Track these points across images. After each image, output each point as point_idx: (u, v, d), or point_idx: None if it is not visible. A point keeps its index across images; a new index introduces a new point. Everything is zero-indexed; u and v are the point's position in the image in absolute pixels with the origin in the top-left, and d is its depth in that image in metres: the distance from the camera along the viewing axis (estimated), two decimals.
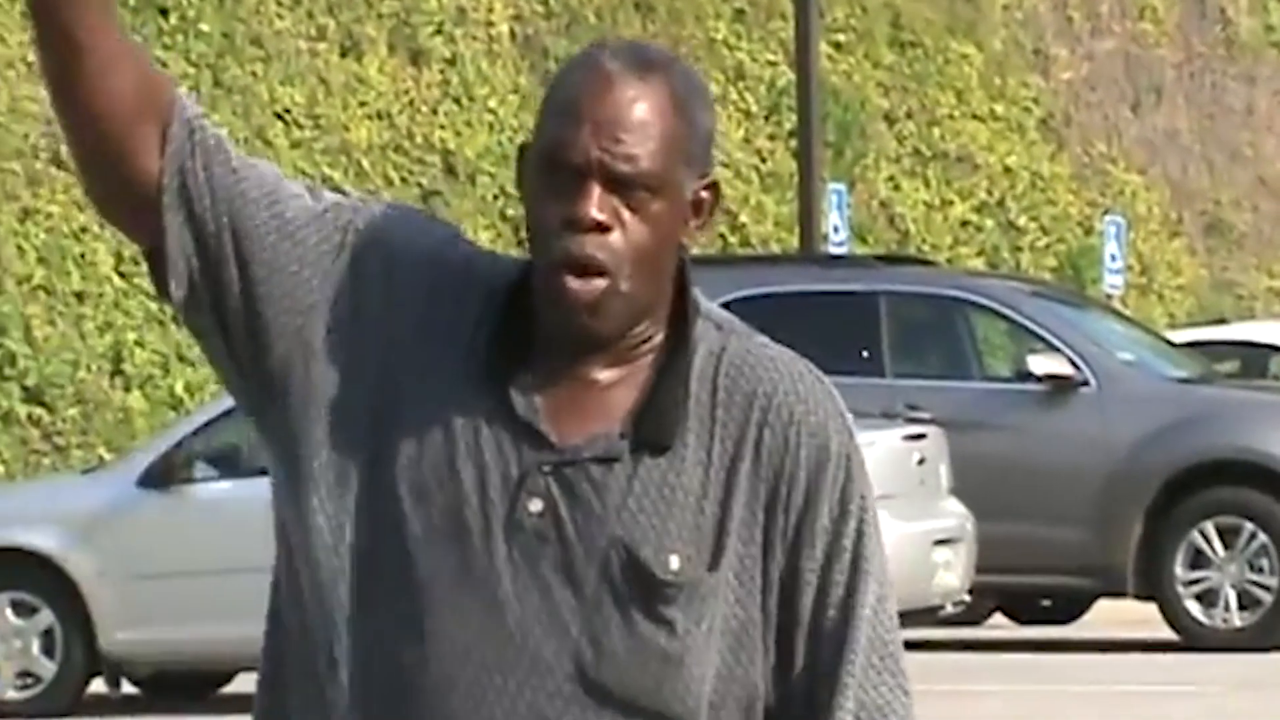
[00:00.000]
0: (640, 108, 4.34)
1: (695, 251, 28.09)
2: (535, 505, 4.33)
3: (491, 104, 33.34)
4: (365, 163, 31.87)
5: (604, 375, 4.43)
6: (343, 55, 31.76)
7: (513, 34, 33.40)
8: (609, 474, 4.36)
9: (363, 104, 31.86)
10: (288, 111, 31.43)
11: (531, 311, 4.43)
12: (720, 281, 28.82)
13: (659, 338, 4.46)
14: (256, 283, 4.38)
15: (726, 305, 19.58)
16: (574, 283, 4.30)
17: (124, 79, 4.35)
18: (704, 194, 4.43)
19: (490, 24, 33.57)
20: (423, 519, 4.36)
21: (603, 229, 4.29)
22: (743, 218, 36.54)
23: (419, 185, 32.02)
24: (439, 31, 32.21)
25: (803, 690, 4.43)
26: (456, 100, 32.50)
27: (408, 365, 4.44)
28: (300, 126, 31.25)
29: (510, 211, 32.38)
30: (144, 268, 4.77)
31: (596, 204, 4.29)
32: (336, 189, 4.52)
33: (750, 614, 4.39)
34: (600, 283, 4.30)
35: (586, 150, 4.30)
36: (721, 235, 35.37)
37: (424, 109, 32.17)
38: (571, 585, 4.34)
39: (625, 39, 4.69)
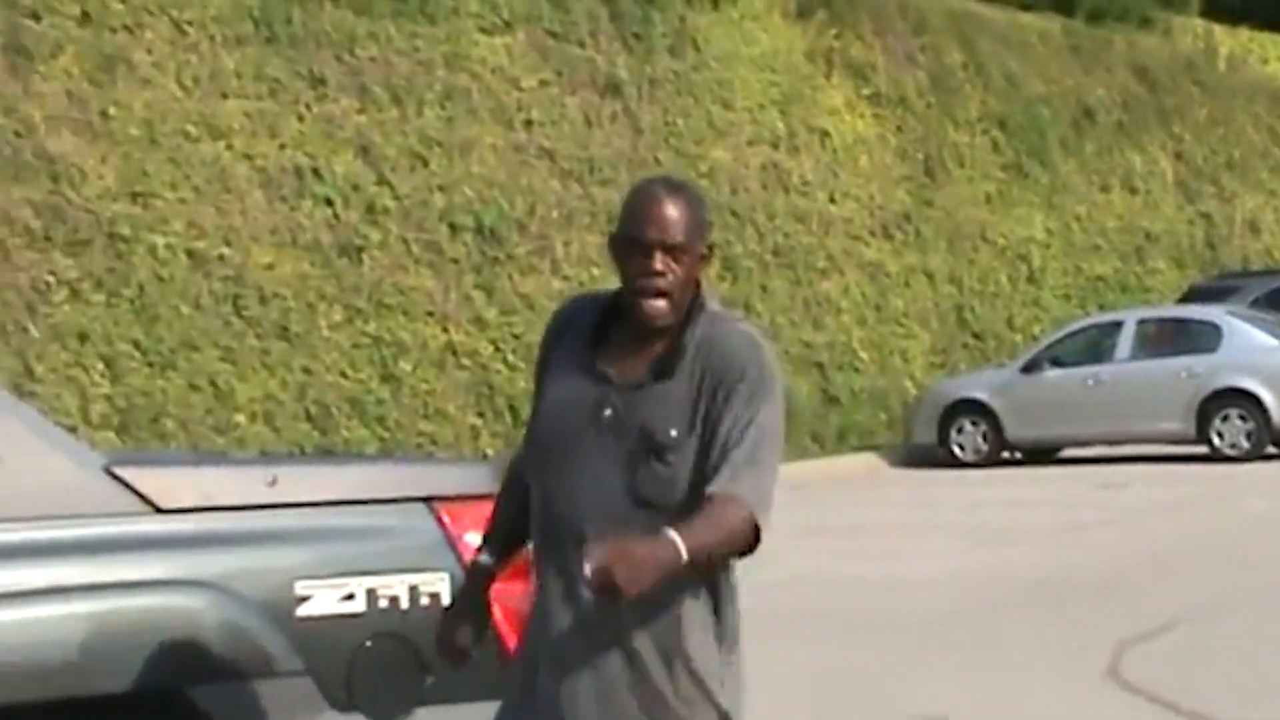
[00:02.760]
0: (674, 211, 4.03)
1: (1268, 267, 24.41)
2: (608, 412, 4.05)
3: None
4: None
5: (649, 342, 4.07)
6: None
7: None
8: (640, 393, 4.05)
9: None
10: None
11: (616, 316, 4.14)
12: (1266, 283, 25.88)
13: (677, 322, 4.08)
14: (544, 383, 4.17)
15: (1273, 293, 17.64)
16: (651, 304, 4.04)
17: None
18: (705, 250, 4.08)
19: None
20: (560, 424, 4.10)
21: (661, 275, 4.03)
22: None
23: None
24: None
25: (720, 462, 3.99)
26: None
27: (554, 361, 4.19)
28: None
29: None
30: None
31: (659, 264, 4.02)
32: None
33: (702, 451, 4.01)
34: (664, 302, 4.04)
35: (651, 235, 4.02)
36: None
37: None
38: (624, 449, 4.03)
39: (663, 174, 4.90)
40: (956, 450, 22.65)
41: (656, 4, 24.49)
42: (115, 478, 4.89)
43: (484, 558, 4.32)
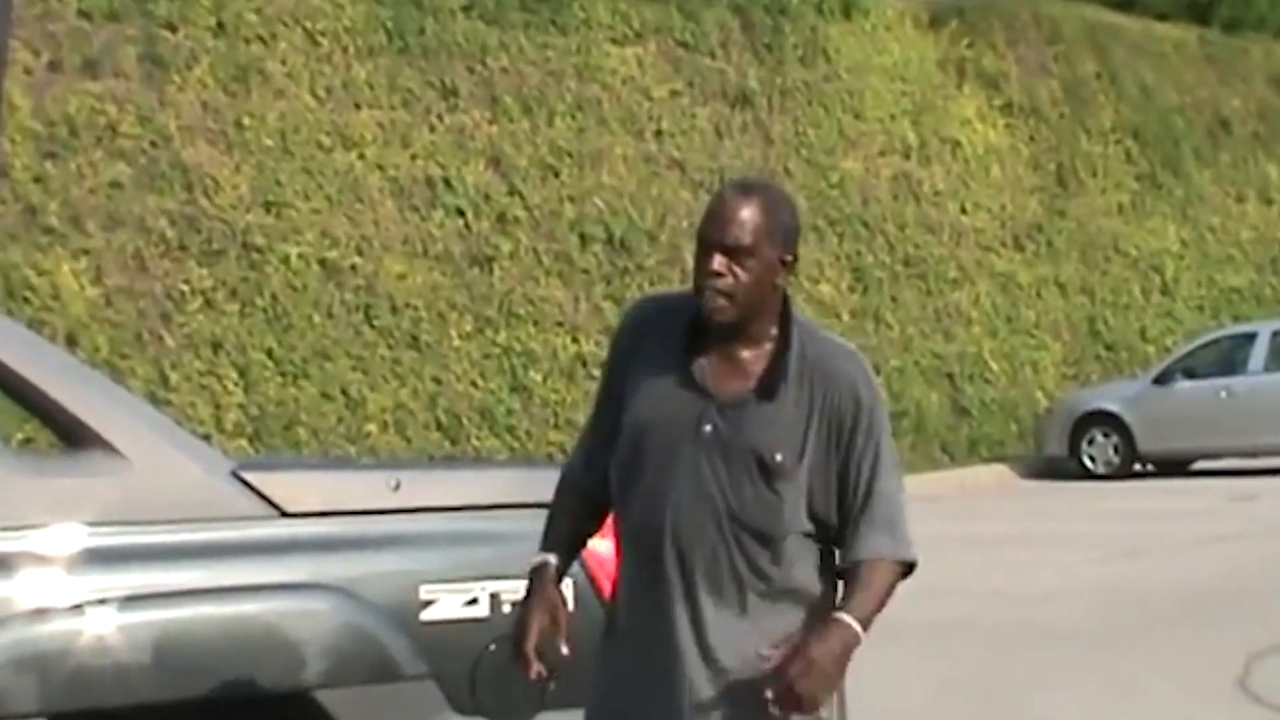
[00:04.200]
0: (738, 213, 3.92)
1: None
2: (708, 428, 3.95)
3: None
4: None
5: (744, 354, 4.00)
6: None
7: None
8: (743, 411, 3.96)
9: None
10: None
11: (701, 323, 4.02)
12: None
13: (774, 333, 4.02)
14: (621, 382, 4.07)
15: None
16: (708, 302, 3.94)
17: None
18: (786, 258, 3.97)
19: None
20: (656, 433, 3.99)
21: (719, 275, 3.92)
22: None
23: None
24: None
25: (854, 514, 3.97)
26: None
27: (639, 364, 4.08)
28: None
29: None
30: None
31: (717, 264, 3.92)
32: None
33: (815, 484, 3.96)
34: (722, 301, 3.93)
35: (712, 236, 3.92)
36: None
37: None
38: (726, 468, 3.95)
39: (747, 176, 4.70)
40: (1088, 462, 22.48)
41: (788, 14, 24.45)
42: (242, 482, 4.93)
43: (551, 557, 4.22)
